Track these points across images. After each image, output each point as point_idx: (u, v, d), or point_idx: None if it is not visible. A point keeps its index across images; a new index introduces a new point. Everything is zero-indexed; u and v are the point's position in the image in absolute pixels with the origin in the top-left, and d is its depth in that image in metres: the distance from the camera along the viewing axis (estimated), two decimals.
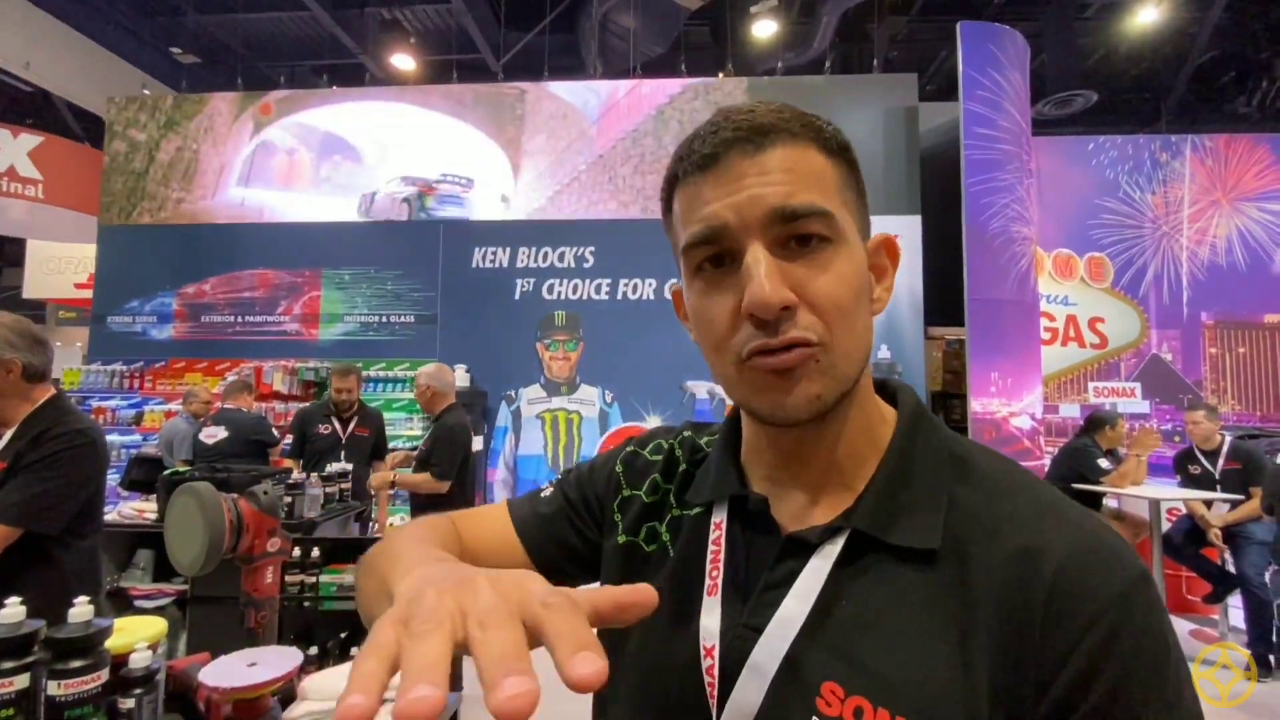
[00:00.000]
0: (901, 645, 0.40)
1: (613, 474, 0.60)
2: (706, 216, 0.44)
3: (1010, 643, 0.38)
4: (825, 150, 0.45)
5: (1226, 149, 6.28)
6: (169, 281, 6.22)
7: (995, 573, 0.40)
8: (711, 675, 0.45)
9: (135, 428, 5.87)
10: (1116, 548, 0.40)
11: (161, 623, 1.15)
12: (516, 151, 6.17)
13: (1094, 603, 0.37)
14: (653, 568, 0.54)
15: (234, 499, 1.20)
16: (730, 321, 0.44)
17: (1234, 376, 6.09)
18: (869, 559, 0.44)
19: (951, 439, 0.49)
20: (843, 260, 0.44)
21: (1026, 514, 0.42)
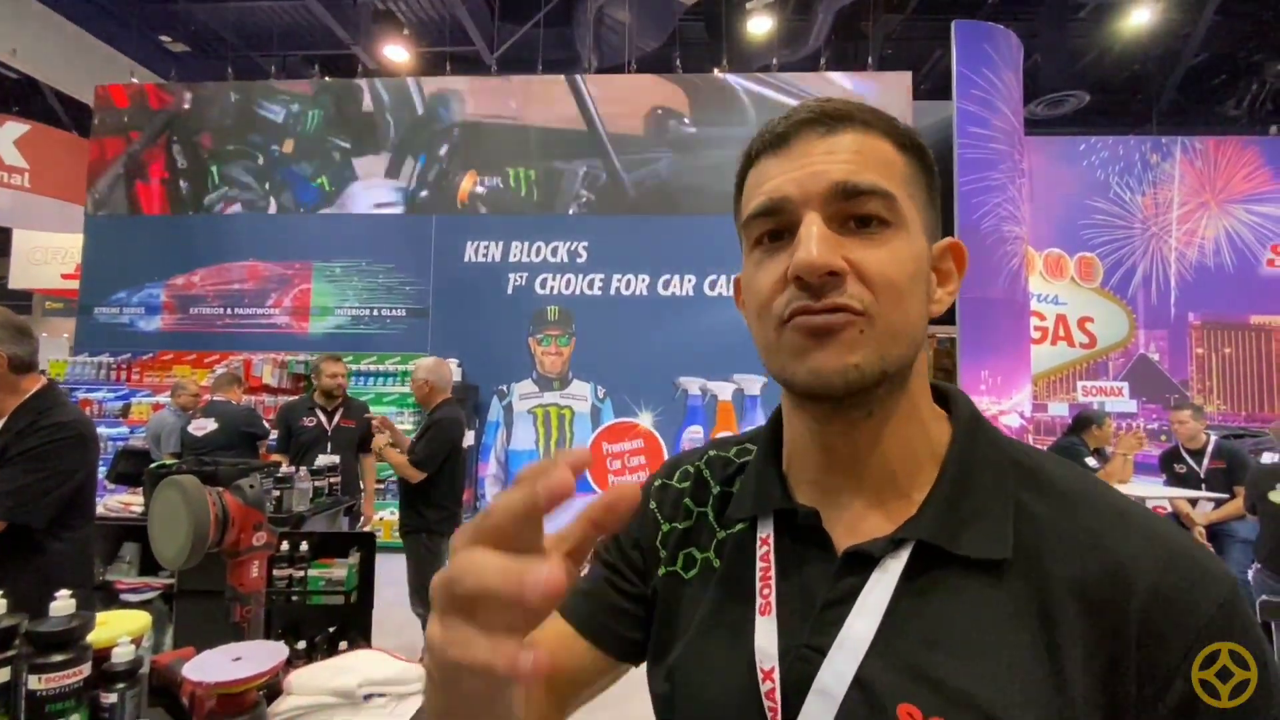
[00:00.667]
0: (979, 662, 0.38)
1: (648, 514, 0.57)
2: (769, 190, 0.44)
3: (1105, 661, 0.37)
4: (897, 143, 0.45)
5: (1216, 151, 6.34)
6: (157, 273, 6.16)
7: (1080, 587, 0.38)
8: (773, 700, 0.42)
9: (122, 420, 5.82)
10: (1206, 561, 0.38)
11: (145, 617, 1.14)
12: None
13: (1194, 619, 0.36)
14: (694, 593, 0.51)
15: (219, 492, 1.19)
16: (777, 286, 0.43)
17: (1220, 376, 6.16)
18: (936, 572, 0.41)
19: (1013, 445, 0.47)
20: (901, 244, 0.42)
21: (1106, 524, 0.40)
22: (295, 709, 1.06)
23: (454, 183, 6.13)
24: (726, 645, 0.46)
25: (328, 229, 6.10)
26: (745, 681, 0.44)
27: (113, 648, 1.02)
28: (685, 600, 0.51)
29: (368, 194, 6.19)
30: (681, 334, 5.71)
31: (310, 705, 1.06)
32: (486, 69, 6.90)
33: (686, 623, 0.50)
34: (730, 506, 0.52)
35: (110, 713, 1.00)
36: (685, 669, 0.48)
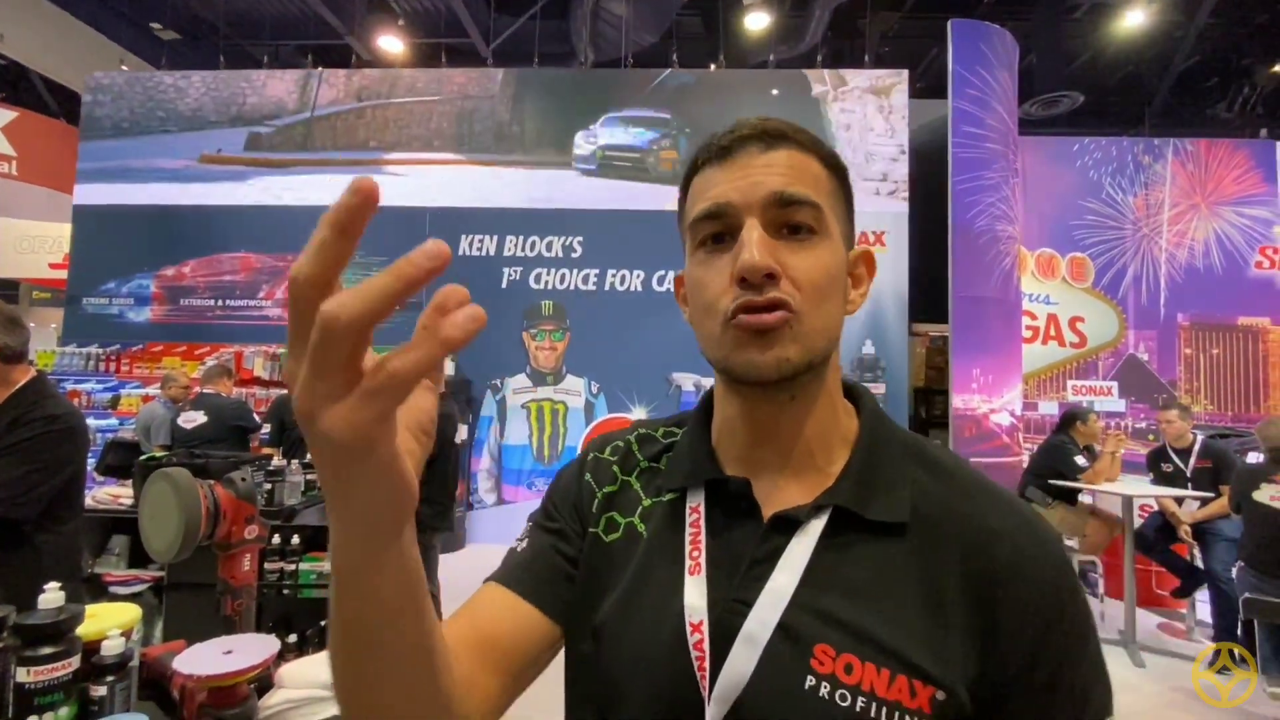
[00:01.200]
0: (882, 608, 0.46)
1: (584, 483, 0.61)
2: (714, 196, 0.50)
3: (980, 604, 0.46)
4: (824, 163, 0.52)
5: (1207, 153, 6.38)
6: (147, 263, 6.10)
7: (961, 546, 0.47)
8: (701, 650, 0.47)
9: (111, 411, 5.77)
10: (1048, 530, 0.50)
11: (135, 609, 1.14)
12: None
13: (1043, 574, 0.46)
14: (617, 555, 0.56)
15: (211, 485, 1.19)
16: (722, 285, 0.49)
17: (1207, 377, 6.22)
18: (849, 534, 0.49)
19: (905, 433, 0.56)
20: (825, 251, 0.50)
21: (978, 498, 0.50)
22: (286, 702, 1.05)
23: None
24: (656, 603, 0.51)
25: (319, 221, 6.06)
26: (674, 635, 0.49)
27: (102, 640, 1.02)
28: (607, 563, 0.56)
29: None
30: (675, 330, 5.71)
31: (301, 699, 1.06)
32: (482, 61, 6.86)
33: (611, 584, 0.54)
34: (660, 478, 0.58)
35: (100, 705, 1.00)
36: (613, 626, 0.52)
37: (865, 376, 5.68)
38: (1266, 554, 2.83)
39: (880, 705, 0.43)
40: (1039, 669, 0.44)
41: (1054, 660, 0.45)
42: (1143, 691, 3.08)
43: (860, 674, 0.44)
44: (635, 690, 0.49)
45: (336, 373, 0.27)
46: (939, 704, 0.43)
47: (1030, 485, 4.14)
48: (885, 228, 5.81)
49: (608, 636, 0.52)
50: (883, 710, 0.43)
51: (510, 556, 0.60)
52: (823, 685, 0.45)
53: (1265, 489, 2.86)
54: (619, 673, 0.51)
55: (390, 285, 0.27)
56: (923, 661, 0.44)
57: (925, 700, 0.43)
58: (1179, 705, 2.97)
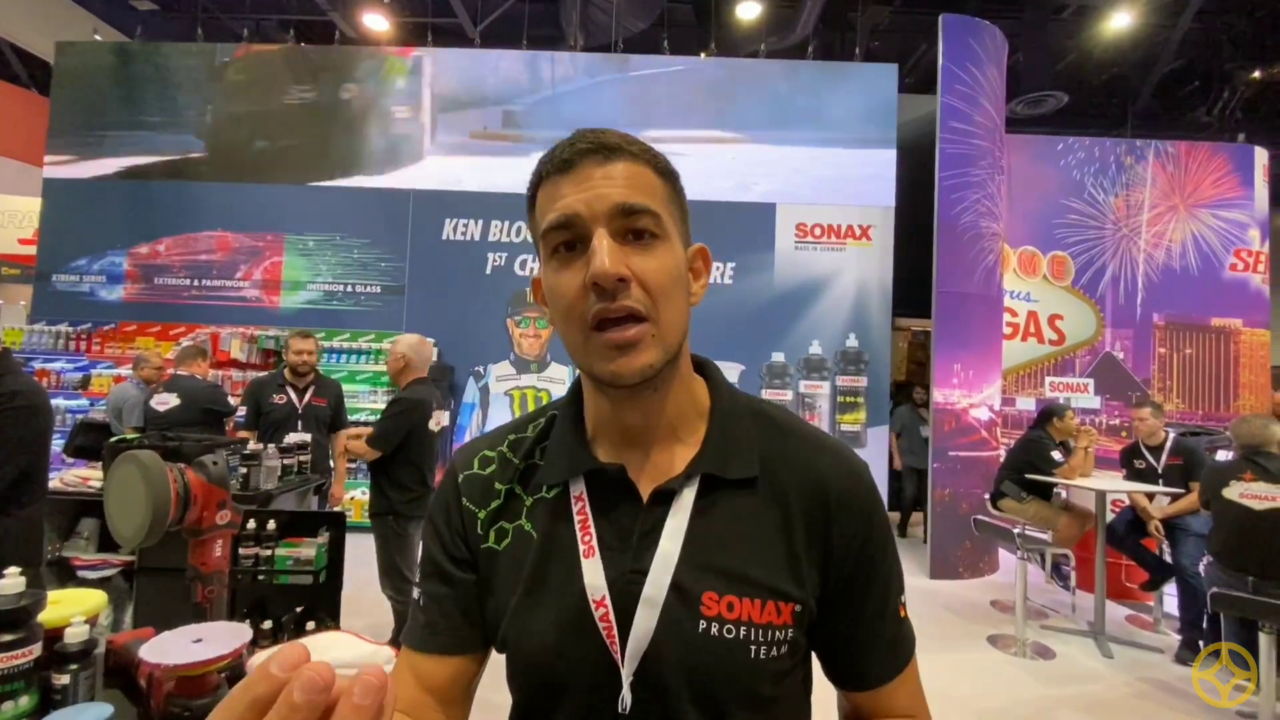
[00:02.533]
0: (749, 550, 0.56)
1: (464, 509, 0.63)
2: (562, 207, 0.54)
3: (817, 533, 0.58)
4: (658, 172, 0.57)
5: (1187, 156, 6.48)
6: (119, 240, 5.94)
7: (799, 489, 0.59)
8: (607, 621, 0.54)
9: (81, 392, 5.63)
10: (860, 464, 0.62)
11: (101, 595, 1.10)
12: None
13: (861, 500, 0.59)
14: (511, 560, 0.60)
15: (181, 469, 1.15)
16: (578, 293, 0.53)
17: (1180, 376, 6.35)
18: (715, 494, 0.58)
19: (748, 398, 0.65)
20: (666, 253, 0.55)
21: (810, 448, 0.61)
22: None
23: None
24: (556, 590, 0.57)
25: (300, 201, 5.93)
26: (578, 614, 0.55)
27: (65, 627, 0.98)
28: (502, 568, 0.60)
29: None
30: None
31: None
32: (469, 42, 6.73)
33: (511, 585, 0.59)
34: (539, 474, 0.63)
35: (62, 694, 0.96)
36: (520, 622, 0.58)
37: (848, 369, 5.72)
38: (1234, 550, 2.90)
39: (757, 629, 0.54)
40: (860, 571, 0.59)
41: (870, 562, 0.59)
42: (1110, 681, 3.15)
43: (740, 609, 0.54)
44: (559, 668, 0.56)
45: None
46: (798, 614, 0.56)
47: (1006, 479, 4.20)
48: (872, 222, 5.83)
49: (522, 629, 0.58)
50: (759, 632, 0.54)
51: (414, 619, 0.63)
52: (712, 626, 0.54)
53: (1234, 486, 2.92)
54: (541, 657, 0.56)
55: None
56: (784, 585, 0.56)
57: (789, 614, 0.55)
58: (1145, 695, 3.05)
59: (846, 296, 5.78)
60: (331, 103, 6.04)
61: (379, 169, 5.99)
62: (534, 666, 0.57)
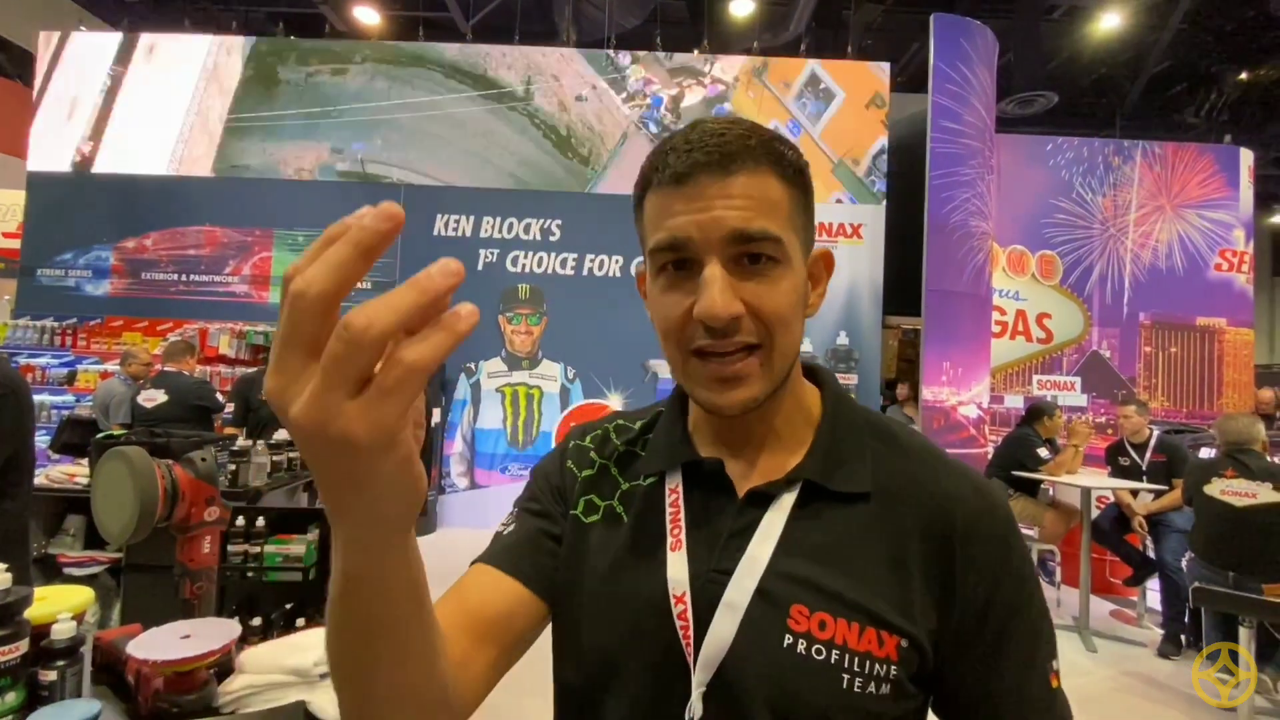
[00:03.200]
0: (851, 569, 0.51)
1: (565, 469, 0.64)
2: (673, 228, 0.50)
3: (937, 563, 0.51)
4: (782, 178, 0.52)
5: (1174, 156, 6.55)
6: (105, 234, 5.87)
7: (919, 510, 0.52)
8: (685, 619, 0.51)
9: (67, 388, 5.57)
10: (996, 492, 0.55)
11: (88, 592, 1.10)
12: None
13: (994, 532, 0.52)
14: (597, 536, 0.58)
15: (169, 465, 1.15)
16: (684, 319, 0.50)
17: (1165, 374, 6.43)
18: (817, 504, 0.54)
19: (865, 410, 0.61)
20: (786, 279, 0.51)
21: (931, 465, 0.55)
22: (247, 688, 1.03)
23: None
24: (639, 578, 0.54)
25: (289, 196, 5.89)
26: (658, 607, 0.52)
27: (52, 624, 0.98)
28: (587, 543, 0.58)
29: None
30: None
31: (263, 684, 1.04)
32: (460, 36, 6.70)
33: (594, 563, 0.57)
34: (639, 463, 0.61)
35: (50, 691, 0.96)
36: (600, 603, 0.55)
37: (838, 367, 5.75)
38: (1216, 546, 2.95)
39: (852, 656, 0.48)
40: (992, 617, 0.50)
41: (1005, 608, 0.51)
42: (1094, 675, 3.20)
43: (833, 630, 0.49)
44: (626, 661, 0.53)
45: (356, 381, 0.27)
46: (904, 651, 0.49)
47: (994, 476, 4.24)
48: (863, 220, 5.86)
49: (596, 613, 0.55)
50: (855, 660, 0.48)
51: (496, 539, 0.61)
52: (799, 642, 0.49)
53: (1216, 483, 2.97)
54: (609, 645, 0.54)
55: (416, 300, 0.27)
56: (888, 614, 0.49)
57: (892, 648, 0.49)
58: (1128, 689, 3.09)
59: (837, 294, 5.81)
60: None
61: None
62: (599, 651, 0.54)
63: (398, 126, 5.98)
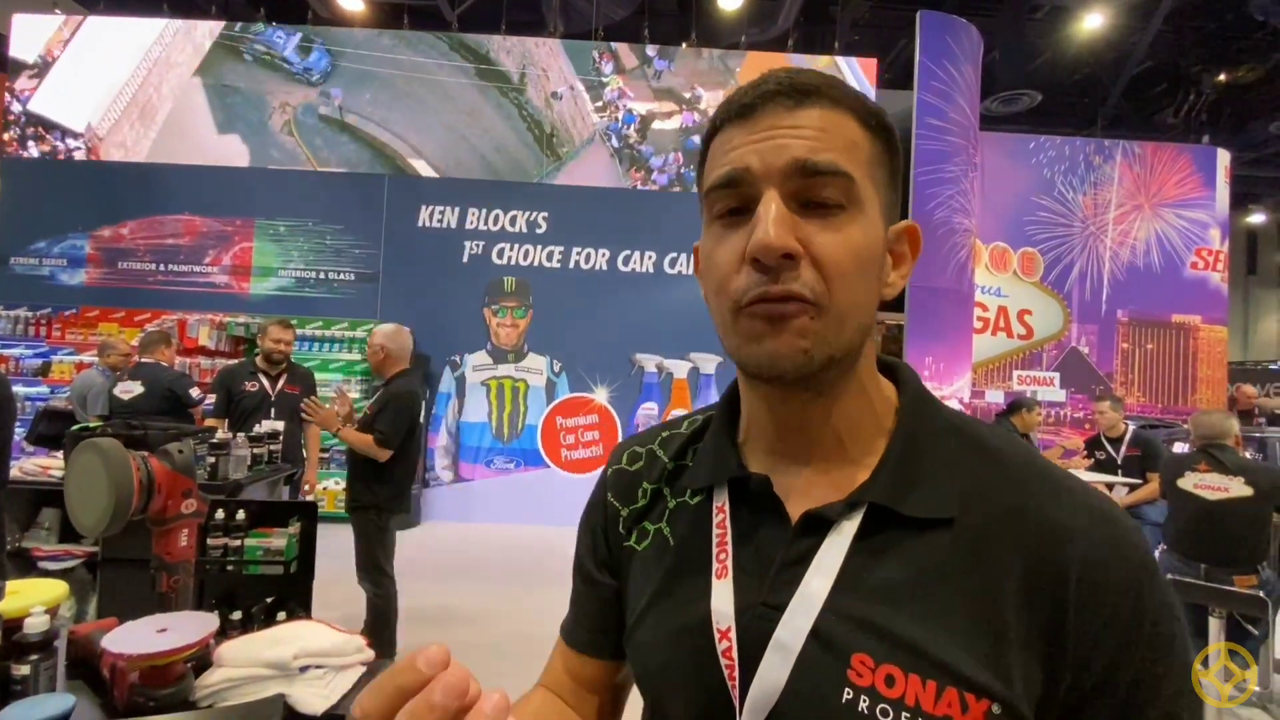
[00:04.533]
0: (927, 613, 0.41)
1: (608, 505, 0.59)
2: (731, 159, 0.44)
3: (1044, 613, 0.40)
4: (864, 123, 0.45)
5: (1153, 156, 6.66)
6: (81, 222, 5.75)
7: (1020, 544, 0.41)
8: (730, 658, 0.45)
9: (41, 379, 5.46)
10: (1128, 525, 0.43)
11: (62, 586, 1.08)
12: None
13: (1123, 574, 0.40)
14: (647, 562, 0.54)
15: (144, 457, 1.13)
16: (735, 264, 0.43)
17: (1141, 370, 6.56)
18: (887, 532, 0.44)
19: (955, 415, 0.50)
20: (856, 229, 0.43)
21: (1045, 490, 0.43)
22: (225, 681, 1.02)
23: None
24: (681, 609, 0.48)
25: (271, 185, 5.80)
26: (701, 643, 0.46)
27: (25, 618, 0.96)
28: (638, 571, 0.54)
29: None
30: (640, 311, 5.70)
31: (241, 678, 1.03)
32: (446, 25, 6.62)
33: (642, 588, 0.52)
34: (685, 477, 0.55)
35: (23, 685, 0.95)
36: (641, 636, 0.51)
37: None
38: (1188, 538, 3.01)
39: None
40: (1116, 687, 0.39)
41: (1133, 677, 0.39)
42: None
43: (903, 687, 0.40)
44: (669, 696, 0.49)
45: None
46: (994, 718, 0.38)
47: None
48: None
49: (639, 645, 0.52)
50: None
51: (570, 605, 0.63)
52: (862, 699, 0.40)
53: (1189, 477, 3.03)
54: (653, 681, 0.50)
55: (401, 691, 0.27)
56: (974, 673, 0.39)
57: (980, 715, 0.38)
58: None
59: None
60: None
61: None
62: (648, 680, 0.51)
63: (390, 85, 5.93)
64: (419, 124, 5.92)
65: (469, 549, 4.71)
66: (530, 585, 4.05)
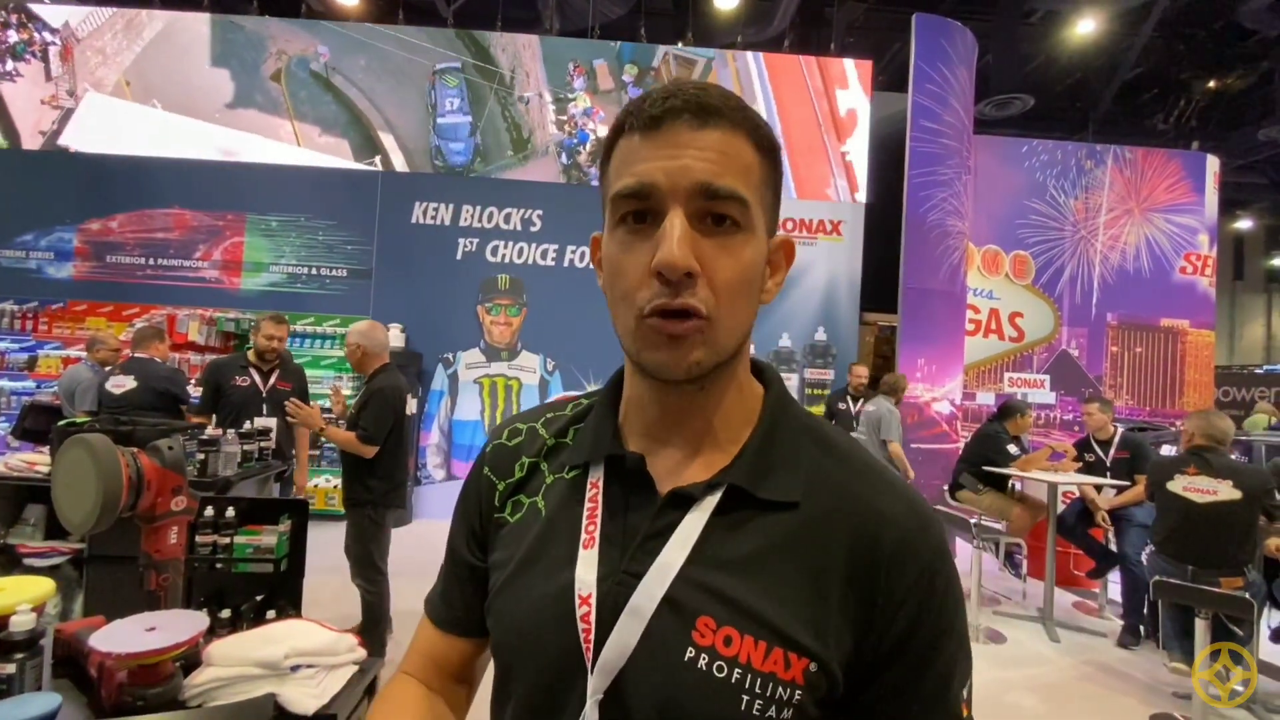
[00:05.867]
0: (766, 583, 0.47)
1: (483, 479, 0.62)
2: (640, 173, 0.47)
3: (861, 583, 0.47)
4: (757, 147, 0.49)
5: (1144, 161, 6.71)
6: (69, 215, 5.68)
7: (848, 527, 0.49)
8: (587, 622, 0.48)
9: (28, 373, 5.39)
10: (930, 514, 0.51)
11: (48, 583, 1.07)
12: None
13: (923, 557, 0.48)
14: (517, 534, 0.56)
15: (134, 453, 1.12)
16: (640, 276, 0.47)
17: (1130, 373, 6.62)
18: (741, 512, 0.50)
19: (808, 416, 0.57)
20: (747, 249, 0.48)
21: (871, 482, 0.51)
22: (215, 680, 1.01)
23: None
24: (545, 576, 0.52)
25: (263, 179, 5.75)
26: (561, 608, 0.49)
27: (10, 616, 0.95)
28: (507, 540, 0.57)
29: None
30: None
31: (231, 677, 1.02)
32: (442, 21, 6.59)
33: (508, 560, 0.55)
34: (565, 454, 0.58)
35: (8, 684, 0.93)
36: (503, 600, 0.54)
37: (816, 362, 5.81)
38: (1176, 540, 3.04)
39: (755, 676, 0.45)
40: (911, 647, 0.47)
41: (926, 639, 0.47)
42: (1057, 664, 3.29)
43: (739, 646, 0.46)
44: (523, 661, 0.52)
45: None
46: (811, 675, 0.45)
47: (964, 471, 4.33)
48: (842, 218, 5.91)
49: (497, 610, 0.55)
50: (756, 681, 0.45)
51: (438, 581, 0.65)
52: (701, 657, 0.46)
53: (1179, 480, 3.06)
54: (510, 644, 0.53)
55: None
56: (799, 635, 0.46)
57: (799, 672, 0.45)
58: (1089, 677, 3.19)
59: (816, 290, 5.86)
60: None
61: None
62: (504, 646, 0.54)
63: (386, 58, 5.91)
64: (399, 99, 5.91)
65: None
66: None
